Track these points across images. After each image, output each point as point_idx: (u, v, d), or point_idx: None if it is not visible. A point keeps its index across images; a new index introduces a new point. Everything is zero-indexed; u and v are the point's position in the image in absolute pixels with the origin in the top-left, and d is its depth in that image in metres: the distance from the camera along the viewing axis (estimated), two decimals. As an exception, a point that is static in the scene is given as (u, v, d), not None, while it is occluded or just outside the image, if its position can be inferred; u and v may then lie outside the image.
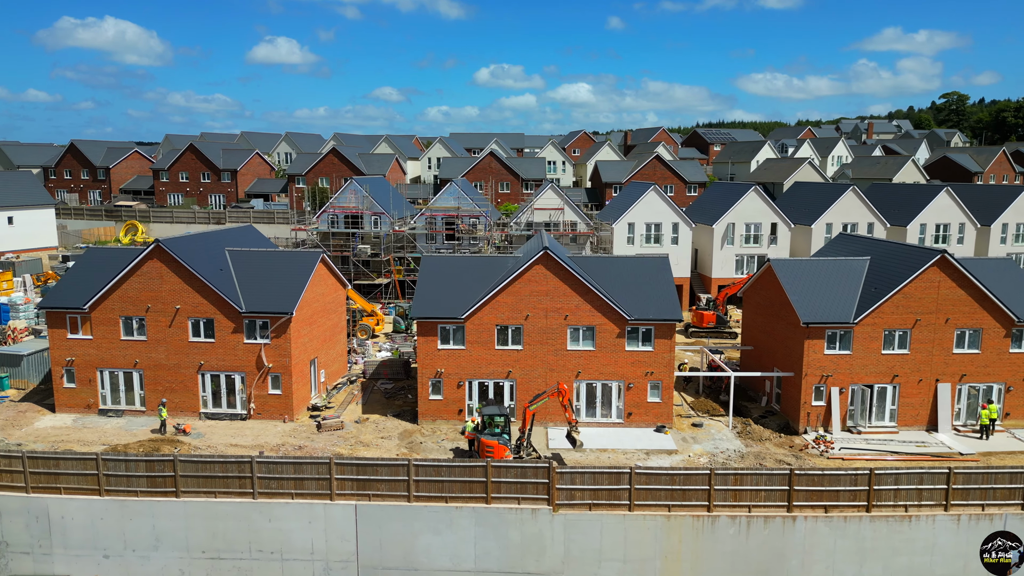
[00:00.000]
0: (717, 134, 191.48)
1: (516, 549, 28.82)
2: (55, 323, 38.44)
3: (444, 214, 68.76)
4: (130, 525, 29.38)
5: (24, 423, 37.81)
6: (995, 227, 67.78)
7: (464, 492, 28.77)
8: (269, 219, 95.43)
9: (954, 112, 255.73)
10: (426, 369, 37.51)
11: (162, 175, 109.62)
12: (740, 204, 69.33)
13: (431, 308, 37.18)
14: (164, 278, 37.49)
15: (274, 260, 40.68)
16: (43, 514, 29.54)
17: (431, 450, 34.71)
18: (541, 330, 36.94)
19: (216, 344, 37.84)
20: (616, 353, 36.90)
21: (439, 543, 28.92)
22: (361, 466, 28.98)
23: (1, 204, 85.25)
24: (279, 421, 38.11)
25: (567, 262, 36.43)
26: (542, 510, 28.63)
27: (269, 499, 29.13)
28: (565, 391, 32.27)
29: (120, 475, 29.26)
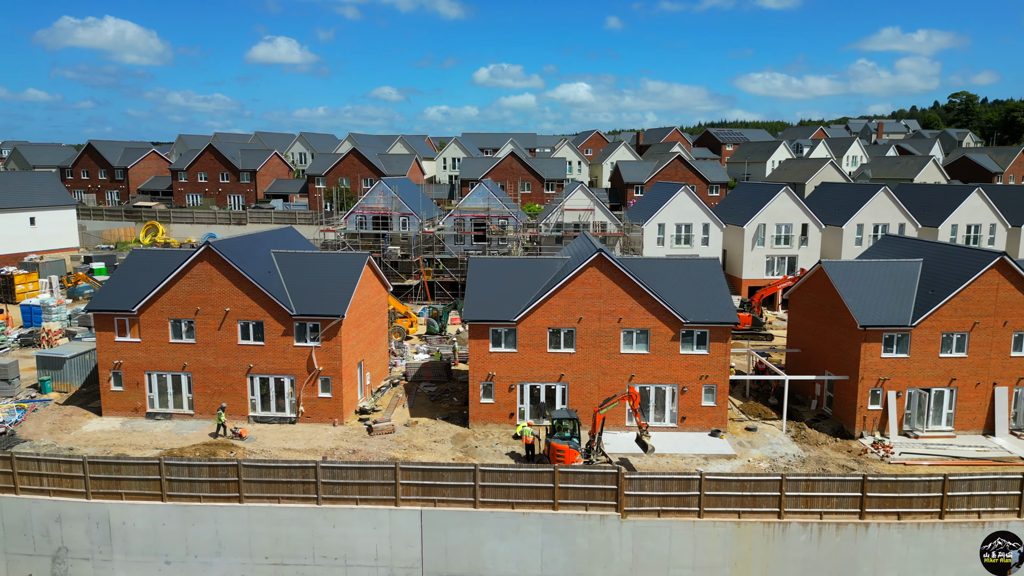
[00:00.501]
0: (729, 134, 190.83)
1: (583, 556, 28.47)
2: (102, 326, 38.17)
3: (473, 215, 68.42)
4: (192, 531, 29.09)
5: (72, 427, 37.54)
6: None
7: (531, 498, 28.42)
8: (291, 220, 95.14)
9: (963, 112, 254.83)
10: (477, 372, 37.16)
11: (180, 175, 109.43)
12: (771, 205, 68.94)
13: (482, 311, 36.84)
14: (214, 280, 37.19)
15: (321, 262, 40.36)
16: (104, 520, 29.25)
17: (487, 454, 34.36)
18: (594, 333, 36.58)
19: (266, 347, 37.53)
20: (670, 356, 36.52)
21: (505, 549, 28.58)
22: (427, 471, 28.65)
23: (23, 205, 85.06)
24: (328, 424, 37.80)
25: (621, 264, 36.06)
26: (610, 516, 28.28)
27: (333, 504, 28.81)
28: (635, 395, 31.92)
29: (183, 480, 28.95)
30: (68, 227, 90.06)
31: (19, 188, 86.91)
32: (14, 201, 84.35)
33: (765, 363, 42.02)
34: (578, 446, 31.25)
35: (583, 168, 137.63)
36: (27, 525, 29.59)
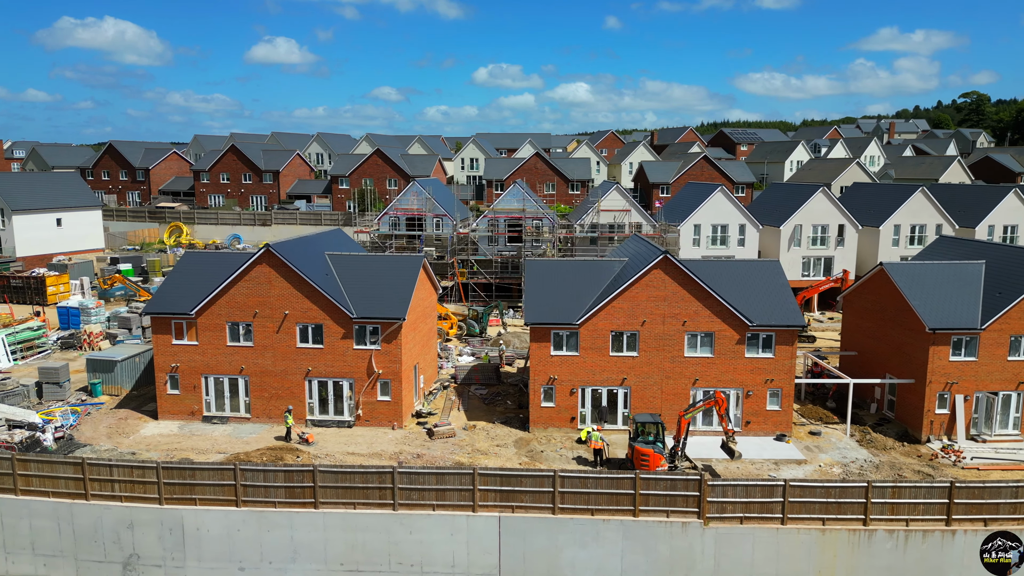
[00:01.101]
0: (743, 134, 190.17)
1: (664, 563, 28.06)
2: (159, 329, 37.86)
3: (508, 216, 68.04)
4: (268, 537, 28.74)
5: (129, 431, 37.25)
6: (1070, 229, 66.68)
7: (611, 504, 28.02)
8: (316, 220, 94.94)
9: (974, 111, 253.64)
10: (538, 376, 36.78)
11: (202, 176, 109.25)
12: (808, 205, 68.44)
13: (544, 314, 36.45)
14: (273, 283, 36.86)
15: (376, 264, 40.03)
16: (177, 526, 28.93)
17: (552, 459, 33.97)
18: (657, 336, 36.16)
19: (324, 350, 37.19)
20: (735, 360, 36.09)
21: (584, 557, 28.18)
22: (505, 477, 28.27)
23: (50, 206, 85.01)
24: (387, 428, 37.45)
25: (687, 266, 35.64)
26: (692, 523, 27.86)
27: (410, 510, 28.45)
28: (722, 400, 31.51)
29: (258, 485, 28.61)
30: (94, 228, 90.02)
31: (45, 189, 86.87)
32: (41, 202, 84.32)
33: (823, 366, 41.54)
34: (663, 450, 30.84)
35: (602, 168, 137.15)
36: (98, 532, 29.28)
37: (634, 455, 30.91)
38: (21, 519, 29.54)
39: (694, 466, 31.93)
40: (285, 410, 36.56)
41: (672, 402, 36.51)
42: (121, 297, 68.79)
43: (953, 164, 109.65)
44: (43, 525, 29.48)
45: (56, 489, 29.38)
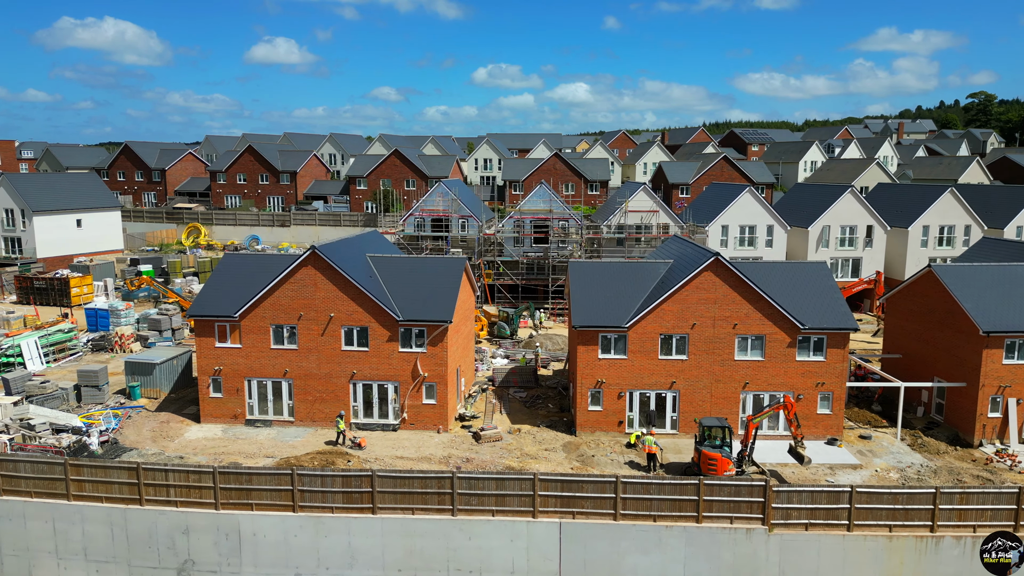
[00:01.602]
0: (754, 134, 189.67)
1: (727, 570, 27.68)
2: (202, 331, 37.56)
3: (534, 217, 67.67)
4: (325, 542, 28.41)
5: (173, 434, 36.95)
6: (1103, 230, 66.16)
7: (673, 510, 27.65)
8: (335, 221, 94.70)
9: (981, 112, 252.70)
10: (586, 379, 36.41)
11: (219, 177, 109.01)
12: (836, 206, 68.05)
13: (592, 316, 36.09)
14: (318, 286, 36.54)
15: (419, 266, 39.72)
16: (233, 531, 28.60)
17: (604, 464, 33.60)
18: (707, 339, 35.78)
19: (370, 353, 36.86)
20: (786, 363, 35.70)
21: (646, 563, 27.82)
22: (566, 482, 27.91)
23: (70, 207, 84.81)
24: (433, 432, 37.11)
25: (739, 268, 35.25)
26: (757, 530, 27.48)
27: (469, 516, 28.10)
28: (792, 405, 31.10)
29: (315, 491, 28.28)
30: (113, 229, 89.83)
31: (65, 190, 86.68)
32: (61, 203, 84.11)
33: (868, 368, 41.11)
34: (730, 455, 30.45)
35: (616, 168, 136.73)
36: (152, 537, 28.98)
37: (701, 459, 30.54)
38: (74, 525, 29.24)
39: (762, 471, 31.55)
40: (336, 415, 36.25)
41: (721, 406, 36.14)
42: (145, 298, 68.57)
43: (972, 165, 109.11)
44: (96, 531, 29.18)
45: (109, 494, 29.07)
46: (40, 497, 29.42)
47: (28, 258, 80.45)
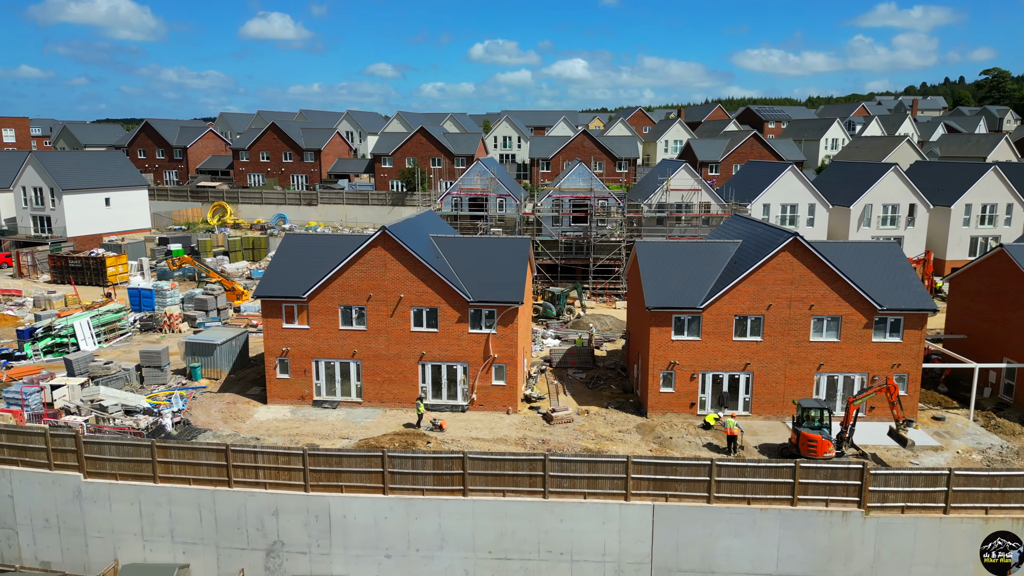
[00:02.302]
0: (771, 111, 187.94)
1: (822, 553, 27.58)
2: (269, 312, 37.25)
3: (574, 196, 67.01)
4: (415, 524, 28.33)
5: (242, 415, 36.81)
6: None
7: (768, 493, 27.48)
8: (363, 200, 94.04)
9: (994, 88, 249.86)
10: (658, 361, 36.11)
11: (241, 155, 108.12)
12: (879, 184, 67.34)
13: (664, 298, 35.70)
14: (388, 266, 36.15)
15: (483, 246, 39.28)
16: (324, 513, 28.51)
17: (682, 446, 33.41)
18: (783, 320, 35.42)
19: (439, 334, 36.58)
20: (862, 344, 35.37)
21: (740, 546, 27.71)
22: (660, 465, 27.74)
23: (98, 185, 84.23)
24: (502, 413, 36.93)
25: (818, 249, 34.78)
26: (853, 513, 27.32)
27: (560, 498, 27.96)
28: (894, 387, 30.82)
29: (406, 472, 28.14)
30: (141, 208, 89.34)
31: (92, 168, 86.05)
32: (89, 182, 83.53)
33: (934, 348, 40.76)
34: (830, 436, 30.24)
35: (638, 146, 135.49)
36: (241, 519, 28.90)
37: (799, 440, 30.33)
38: (160, 507, 29.17)
39: (862, 453, 31.34)
40: (416, 397, 36.12)
41: (795, 387, 35.88)
42: (180, 277, 68.29)
43: (1000, 143, 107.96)
44: (183, 512, 29.11)
45: (197, 476, 28.96)
46: (125, 479, 29.32)
47: (58, 237, 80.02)
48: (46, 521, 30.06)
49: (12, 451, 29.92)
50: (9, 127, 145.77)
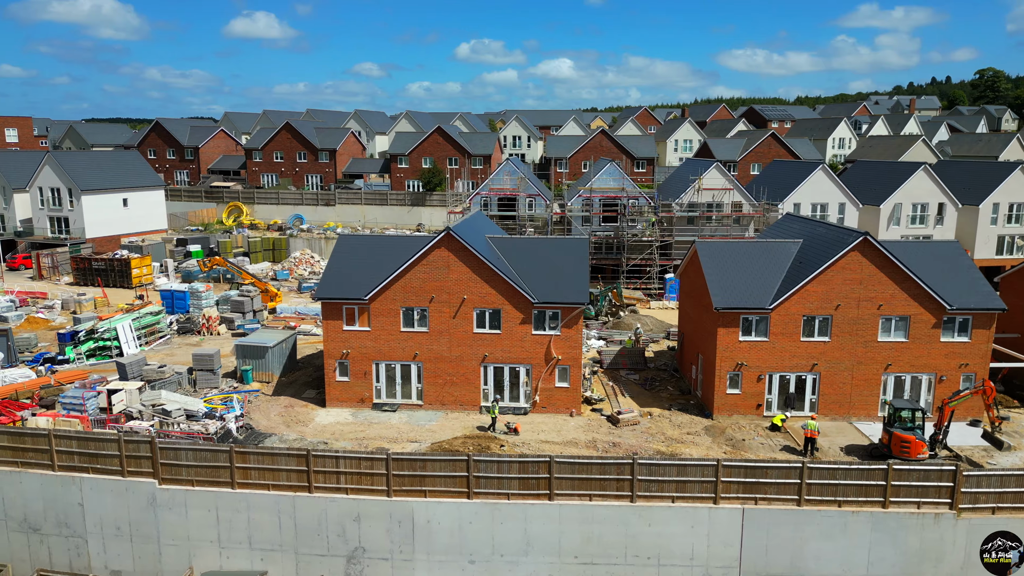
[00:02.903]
0: (774, 111, 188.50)
1: (913, 555, 27.37)
2: (330, 314, 36.77)
3: (605, 195, 66.74)
4: (500, 529, 27.94)
5: (303, 419, 36.30)
6: None
7: (859, 495, 27.24)
8: (381, 200, 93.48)
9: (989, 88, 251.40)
10: (724, 362, 35.85)
11: (255, 155, 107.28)
12: (908, 183, 67.41)
13: (732, 298, 35.45)
14: (451, 267, 35.73)
15: (540, 247, 38.89)
16: (407, 518, 28.08)
17: (756, 448, 33.16)
18: (851, 321, 35.22)
19: (502, 336, 36.19)
20: (930, 344, 35.22)
21: (830, 549, 27.47)
22: (750, 468, 27.45)
23: (116, 186, 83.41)
24: (565, 415, 36.58)
25: (888, 248, 34.60)
26: (945, 515, 27.13)
27: (648, 502, 27.63)
28: (991, 389, 30.64)
29: (491, 476, 27.74)
30: (158, 208, 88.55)
31: (110, 168, 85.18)
32: (107, 182, 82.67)
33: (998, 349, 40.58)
34: (923, 437, 30.05)
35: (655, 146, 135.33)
36: (321, 525, 28.43)
37: (892, 441, 30.12)
38: (239, 513, 28.66)
39: (956, 455, 31.16)
40: (492, 400, 35.76)
41: (862, 388, 35.71)
42: (205, 279, 67.59)
43: (1012, 142, 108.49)
44: (262, 518, 28.61)
45: (276, 482, 28.47)
46: (202, 485, 28.78)
47: (77, 238, 79.11)
48: (117, 529, 29.49)
49: (83, 458, 29.33)
50: (12, 127, 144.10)
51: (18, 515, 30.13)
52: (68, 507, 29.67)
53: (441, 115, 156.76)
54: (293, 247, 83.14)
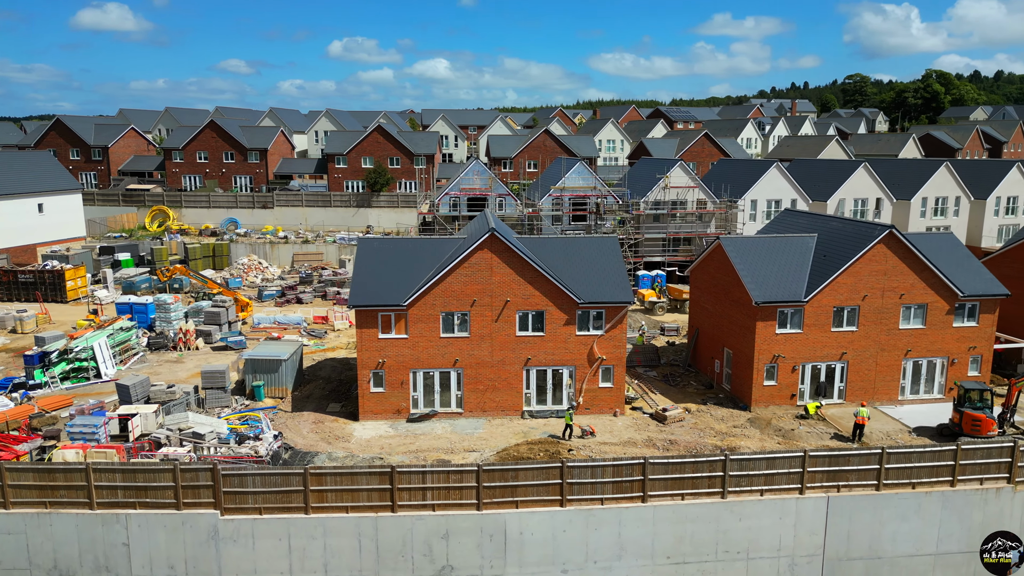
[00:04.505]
0: (679, 112, 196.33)
1: (977, 529, 29.01)
2: (364, 323, 34.77)
3: (574, 194, 66.99)
4: (594, 535, 27.31)
5: (340, 434, 34.16)
6: None
7: (930, 476, 28.60)
8: (324, 202, 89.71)
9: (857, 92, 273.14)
10: (762, 354, 36.72)
11: (175, 155, 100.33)
12: (851, 180, 71.66)
13: (768, 293, 36.36)
14: (494, 270, 34.65)
15: (571, 247, 38.40)
16: (499, 531, 26.92)
17: (806, 437, 34.16)
18: (876, 310, 36.97)
19: (545, 338, 35.49)
20: (944, 330, 37.51)
21: (905, 530, 28.68)
22: (833, 457, 28.20)
23: (30, 190, 75.76)
24: (609, 415, 36.34)
25: (910, 240, 36.54)
26: (1004, 489, 28.94)
27: (738, 497, 27.85)
28: None
29: (584, 483, 27.07)
30: (75, 214, 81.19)
31: (22, 170, 77.26)
32: (21, 186, 75.02)
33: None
34: (992, 415, 31.78)
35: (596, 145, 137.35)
36: (406, 545, 26.79)
37: (963, 420, 31.77)
38: (314, 539, 26.54)
39: (1022, 432, 33.18)
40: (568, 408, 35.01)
41: (885, 373, 37.57)
42: (148, 289, 62.63)
43: (909, 142, 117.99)
44: (341, 544, 26.63)
45: (355, 503, 26.57)
46: (271, 512, 26.45)
47: (-11, 249, 71.16)
48: (171, 568, 26.60)
49: (128, 492, 26.25)
50: None
51: (47, 562, 26.60)
52: (110, 548, 26.47)
53: (360, 114, 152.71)
54: (236, 253, 78.38)
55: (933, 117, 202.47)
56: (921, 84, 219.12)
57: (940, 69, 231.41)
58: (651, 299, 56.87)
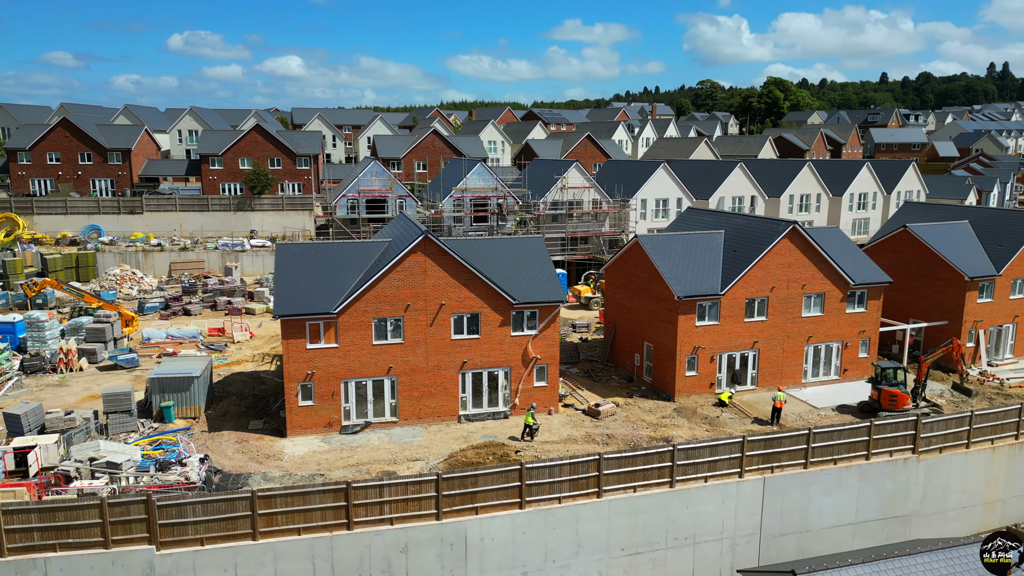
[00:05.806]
0: (552, 115, 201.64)
1: (888, 497, 31.82)
2: (291, 333, 32.96)
3: (476, 196, 66.93)
4: (552, 535, 27.40)
5: (270, 452, 32.20)
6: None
7: (849, 452, 31.05)
8: (201, 206, 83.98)
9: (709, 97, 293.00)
10: (684, 346, 38.37)
11: (20, 156, 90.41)
12: (728, 180, 76.59)
13: (689, 287, 38.02)
14: (428, 272, 33.95)
15: (498, 248, 38.33)
16: (459, 539, 26.38)
17: (728, 423, 35.99)
18: (782, 300, 39.63)
19: (481, 340, 35.23)
20: (839, 316, 40.84)
21: (829, 503, 30.95)
22: (768, 440, 29.92)
23: None
24: (544, 414, 36.63)
25: (811, 234, 39.43)
26: (910, 459, 31.92)
27: (686, 485, 28.94)
28: (959, 346, 35.96)
29: (543, 483, 27.10)
30: (-97, 223, 71.13)
31: None
32: None
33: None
34: (907, 391, 34.58)
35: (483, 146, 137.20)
36: (364, 563, 25.65)
37: (881, 396, 34.60)
38: (264, 567, 24.84)
39: (934, 405, 36.45)
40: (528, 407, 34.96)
41: (791, 359, 40.38)
42: (4, 307, 56.38)
43: (766, 143, 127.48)
44: (293, 568, 25.09)
45: (308, 523, 25.14)
46: (214, 543, 24.48)
47: None
48: (99, 614, 23.99)
49: (46, 534, 23.38)
50: None
51: (-56, 624, 23.18)
52: (24, 600, 23.46)
53: (227, 112, 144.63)
54: (104, 263, 71.95)
55: (776, 120, 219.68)
56: (764, 91, 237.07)
57: (773, 76, 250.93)
58: (587, 295, 57.88)
